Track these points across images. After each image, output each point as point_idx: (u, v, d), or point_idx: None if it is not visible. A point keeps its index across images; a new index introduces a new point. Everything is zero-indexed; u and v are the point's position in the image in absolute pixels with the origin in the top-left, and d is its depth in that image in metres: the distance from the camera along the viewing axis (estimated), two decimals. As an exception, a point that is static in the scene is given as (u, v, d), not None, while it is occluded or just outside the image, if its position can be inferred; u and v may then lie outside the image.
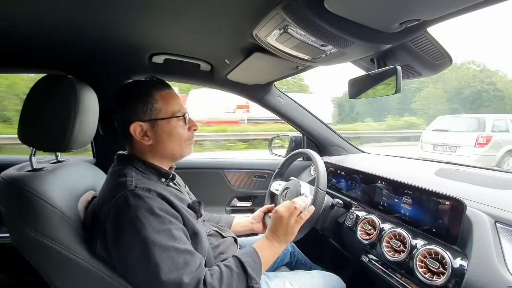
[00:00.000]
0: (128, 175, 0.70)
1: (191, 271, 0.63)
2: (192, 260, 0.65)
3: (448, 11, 0.58)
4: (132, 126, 0.74)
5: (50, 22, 0.85)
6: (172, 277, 0.61)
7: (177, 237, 0.66)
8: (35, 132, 0.72)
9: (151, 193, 0.67)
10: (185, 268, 0.63)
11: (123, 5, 0.73)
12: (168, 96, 0.78)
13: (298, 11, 0.63)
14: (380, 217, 0.99)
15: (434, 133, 6.29)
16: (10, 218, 0.68)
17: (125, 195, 0.65)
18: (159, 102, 0.76)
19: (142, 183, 0.70)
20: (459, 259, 0.70)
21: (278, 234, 0.84)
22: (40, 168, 0.76)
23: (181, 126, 0.79)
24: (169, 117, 0.77)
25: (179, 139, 0.79)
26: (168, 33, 0.92)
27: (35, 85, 0.72)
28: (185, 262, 0.64)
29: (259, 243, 0.81)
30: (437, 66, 0.87)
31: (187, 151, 0.83)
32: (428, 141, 6.30)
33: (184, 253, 0.65)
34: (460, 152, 5.61)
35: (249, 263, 0.72)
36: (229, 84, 1.45)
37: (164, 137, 0.77)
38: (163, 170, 0.79)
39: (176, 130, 0.78)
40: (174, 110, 0.78)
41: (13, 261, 1.22)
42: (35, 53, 1.12)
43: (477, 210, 0.75)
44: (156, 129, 0.76)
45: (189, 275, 0.62)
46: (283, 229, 0.84)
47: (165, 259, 0.61)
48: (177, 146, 0.79)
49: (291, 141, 1.80)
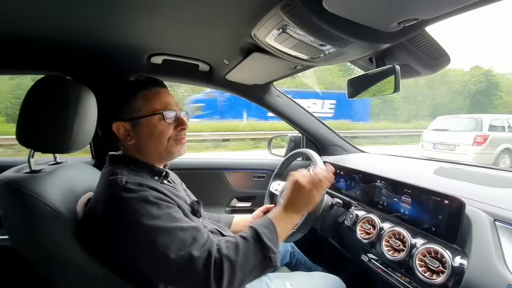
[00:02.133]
0: (118, 174, 0.70)
1: (200, 245, 0.63)
2: (199, 235, 0.65)
3: (446, 10, 0.58)
4: (114, 126, 0.75)
5: (48, 23, 0.85)
6: (182, 254, 0.60)
7: (179, 218, 0.66)
8: (34, 133, 0.71)
9: (143, 187, 0.67)
10: (193, 243, 0.63)
11: (122, 6, 0.73)
12: (151, 94, 0.77)
13: (297, 11, 0.63)
14: (379, 216, 0.99)
15: (434, 132, 6.47)
16: (8, 220, 0.68)
17: (117, 191, 0.65)
18: (140, 101, 0.76)
19: (133, 179, 0.69)
20: (459, 257, 0.70)
21: (297, 204, 0.77)
22: (38, 169, 0.75)
23: (163, 125, 0.76)
24: (149, 114, 0.75)
25: (160, 137, 0.76)
26: (167, 33, 0.92)
27: (33, 86, 0.71)
28: (192, 237, 0.64)
29: (275, 214, 0.76)
30: (436, 65, 0.87)
31: (175, 151, 0.80)
32: (428, 140, 6.46)
33: (190, 230, 0.65)
34: (459, 151, 5.80)
35: (266, 234, 0.69)
36: (228, 85, 1.45)
37: (145, 136, 0.76)
38: (155, 168, 0.79)
39: (157, 129, 0.76)
40: (155, 108, 0.76)
41: (12, 263, 1.22)
42: (33, 54, 1.11)
43: (476, 208, 0.76)
44: (137, 128, 0.76)
45: (198, 249, 0.62)
46: (305, 200, 0.77)
47: (172, 240, 0.61)
48: (160, 145, 0.77)
49: (290, 141, 1.80)
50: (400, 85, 0.82)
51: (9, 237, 0.71)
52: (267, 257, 0.66)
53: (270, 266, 0.67)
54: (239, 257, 0.63)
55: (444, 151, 6.00)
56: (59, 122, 0.72)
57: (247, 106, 8.78)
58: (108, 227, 0.65)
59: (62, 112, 0.72)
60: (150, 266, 0.63)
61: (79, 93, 0.76)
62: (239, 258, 0.63)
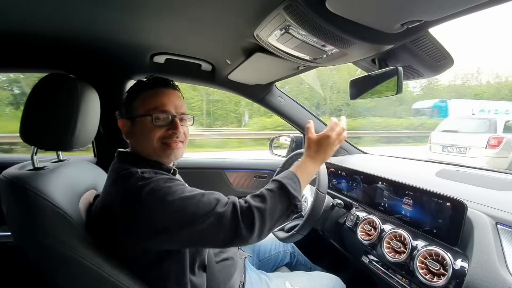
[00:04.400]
0: (131, 168, 0.71)
1: (224, 203, 0.67)
2: (220, 196, 0.70)
3: (450, 12, 0.58)
4: (118, 122, 0.79)
5: (52, 22, 0.85)
6: (210, 214, 0.64)
7: (197, 190, 0.70)
8: (37, 131, 0.72)
9: (158, 175, 0.69)
10: (218, 203, 0.67)
11: (125, 5, 0.73)
12: (149, 94, 0.77)
13: (300, 12, 0.63)
14: (380, 218, 0.99)
15: (443, 134, 6.04)
16: (11, 217, 0.68)
17: (134, 181, 0.66)
18: (138, 101, 0.77)
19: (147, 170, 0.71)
20: (460, 260, 0.70)
21: (319, 153, 0.85)
22: (41, 167, 0.76)
23: (155, 126, 0.75)
24: (142, 114, 0.76)
25: (149, 138, 0.75)
26: (170, 33, 0.92)
27: (37, 84, 0.72)
28: (215, 198, 0.68)
29: (297, 166, 0.82)
30: (439, 67, 0.87)
31: (164, 154, 0.77)
32: (437, 142, 6.06)
33: (211, 194, 0.69)
34: (471, 154, 5.41)
35: (290, 184, 0.73)
36: (230, 84, 1.45)
37: (138, 135, 0.77)
38: (164, 166, 0.79)
39: (147, 129, 0.75)
40: (148, 108, 0.75)
41: (14, 260, 1.22)
42: (37, 53, 1.12)
43: (478, 211, 0.75)
44: (134, 127, 0.77)
45: (223, 206, 0.66)
46: (328, 150, 0.86)
47: (196, 204, 0.65)
48: (149, 146, 0.76)
49: (291, 141, 1.80)
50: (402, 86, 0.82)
51: (11, 234, 0.71)
52: (292, 204, 0.72)
53: (295, 212, 0.73)
54: (267, 205, 0.69)
55: (454, 154, 5.61)
56: (62, 120, 0.72)
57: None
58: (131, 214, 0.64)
59: (65, 110, 0.72)
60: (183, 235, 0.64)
61: (82, 91, 0.76)
62: (268, 206, 0.68)
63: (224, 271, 0.85)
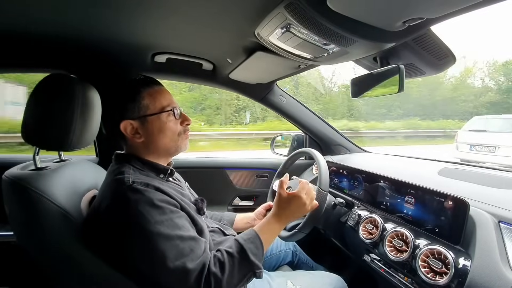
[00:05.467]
0: (125, 173, 0.71)
1: (197, 257, 0.64)
2: (197, 246, 0.66)
3: (452, 9, 0.57)
4: (122, 125, 0.75)
5: (53, 22, 0.85)
6: (178, 264, 0.61)
7: (180, 225, 0.67)
8: (39, 131, 0.72)
9: (149, 187, 0.68)
10: (190, 254, 0.64)
11: (126, 5, 0.73)
12: (155, 92, 0.78)
13: (301, 10, 0.62)
14: (382, 216, 0.99)
15: (470, 133, 6.08)
16: (14, 217, 0.68)
17: (123, 191, 0.66)
18: (146, 99, 0.77)
19: (140, 179, 0.70)
20: (462, 259, 0.70)
21: (287, 214, 0.83)
22: (43, 167, 0.76)
23: (172, 121, 0.79)
24: (157, 112, 0.77)
25: (171, 134, 0.79)
26: (171, 32, 0.92)
27: (38, 84, 0.72)
28: (190, 248, 0.65)
29: (261, 226, 0.80)
30: (441, 65, 0.87)
31: (183, 146, 0.83)
32: (464, 141, 6.09)
33: (188, 240, 0.66)
34: (500, 153, 5.40)
35: (251, 249, 0.71)
36: (231, 83, 1.45)
37: (155, 133, 0.77)
38: (160, 166, 0.79)
39: (167, 125, 0.78)
40: (163, 105, 0.78)
41: (17, 259, 1.23)
42: (38, 53, 1.12)
43: (481, 210, 0.75)
44: (146, 126, 0.76)
45: (194, 261, 0.63)
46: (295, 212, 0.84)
47: (170, 248, 0.62)
48: (170, 141, 0.79)
49: (293, 140, 1.80)
50: (404, 84, 0.82)
51: (14, 234, 0.71)
52: (251, 272, 0.70)
53: (253, 277, 0.71)
54: (225, 274, 0.65)
55: (483, 153, 5.61)
56: (64, 120, 0.72)
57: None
58: (112, 225, 0.66)
59: (67, 110, 0.72)
60: (146, 269, 0.64)
61: (84, 91, 0.76)
62: (225, 275, 0.65)
63: None
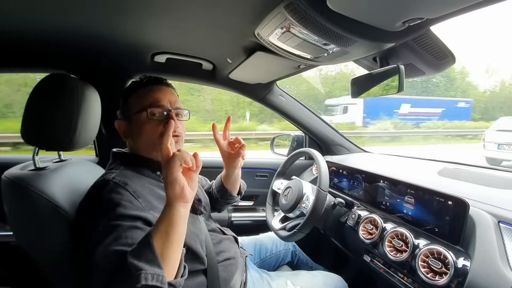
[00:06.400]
0: (114, 169, 0.72)
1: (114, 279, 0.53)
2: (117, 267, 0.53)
3: (452, 9, 0.57)
4: (115, 124, 0.78)
5: (53, 22, 0.85)
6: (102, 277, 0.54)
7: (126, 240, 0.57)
8: (38, 131, 0.72)
9: (127, 187, 0.66)
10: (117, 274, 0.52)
11: (126, 5, 0.73)
12: (144, 92, 0.77)
13: (301, 10, 0.62)
14: (382, 216, 0.99)
15: (498, 133, 6.42)
16: (13, 217, 0.68)
17: (97, 183, 0.67)
18: (133, 99, 0.78)
19: (124, 176, 0.69)
20: (462, 259, 0.70)
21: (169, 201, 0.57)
22: (43, 167, 0.76)
23: (152, 123, 0.74)
24: (137, 111, 0.75)
25: (148, 137, 0.74)
26: (170, 32, 0.92)
27: (38, 84, 0.72)
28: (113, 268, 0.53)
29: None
30: (441, 65, 0.87)
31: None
32: (492, 140, 6.42)
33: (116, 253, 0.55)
34: None
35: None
36: (231, 83, 1.45)
37: (135, 134, 0.77)
38: (157, 163, 0.78)
39: (144, 126, 0.74)
40: (143, 105, 0.74)
41: (16, 259, 1.23)
42: (38, 53, 1.12)
43: (480, 210, 0.75)
44: (130, 126, 0.78)
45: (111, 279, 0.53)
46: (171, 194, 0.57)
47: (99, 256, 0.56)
48: (147, 142, 0.75)
49: (293, 140, 1.80)
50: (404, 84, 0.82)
51: (13, 234, 0.71)
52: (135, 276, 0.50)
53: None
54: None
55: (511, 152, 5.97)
56: (63, 120, 0.72)
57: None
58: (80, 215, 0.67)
59: (67, 110, 0.72)
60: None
61: (84, 91, 0.76)
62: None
63: (225, 270, 0.85)
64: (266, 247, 1.23)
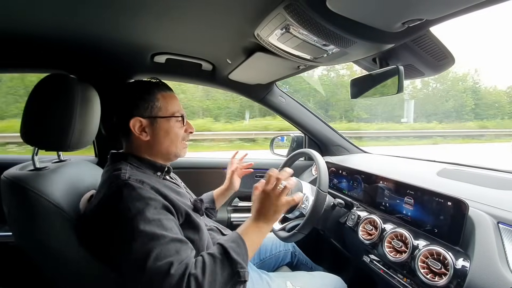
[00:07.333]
0: (122, 169, 0.71)
1: (181, 259, 0.61)
2: (182, 248, 0.64)
3: (451, 10, 0.57)
4: (132, 121, 0.76)
5: (52, 22, 0.85)
6: (159, 264, 0.58)
7: (168, 227, 0.65)
8: (38, 131, 0.72)
9: (144, 185, 0.68)
10: (175, 256, 0.61)
11: (125, 5, 0.73)
12: (169, 96, 0.82)
13: (300, 11, 0.62)
14: (381, 217, 0.99)
15: None
16: (12, 217, 0.68)
17: (118, 185, 0.66)
18: (160, 101, 0.79)
19: (136, 175, 0.70)
20: (461, 259, 0.70)
21: (266, 215, 0.75)
22: (42, 167, 0.76)
23: (178, 127, 0.83)
24: (168, 116, 0.80)
25: (175, 138, 0.82)
26: (170, 33, 0.92)
27: (37, 84, 0.72)
28: (175, 250, 0.62)
29: (244, 227, 0.75)
30: (440, 66, 0.87)
31: (182, 152, 0.85)
32: None
33: (175, 242, 0.63)
34: None
35: (233, 247, 0.67)
36: (230, 84, 1.45)
37: (162, 134, 0.80)
38: (158, 164, 0.81)
39: (173, 130, 0.81)
40: (174, 111, 0.82)
41: (16, 259, 1.23)
42: (38, 53, 1.12)
43: (480, 210, 0.75)
44: (154, 126, 0.79)
45: (177, 263, 0.60)
46: (273, 207, 0.75)
47: (154, 247, 0.60)
48: (173, 145, 0.82)
49: (292, 141, 1.80)
50: (403, 85, 0.82)
51: (13, 234, 0.71)
52: (235, 272, 0.64)
53: (239, 282, 0.64)
54: (206, 275, 0.61)
55: None
56: (63, 120, 0.72)
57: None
58: (102, 219, 0.66)
59: (66, 110, 0.72)
60: (127, 267, 0.62)
61: (83, 91, 0.76)
62: (206, 277, 0.60)
63: None
64: (265, 247, 1.23)
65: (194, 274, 0.60)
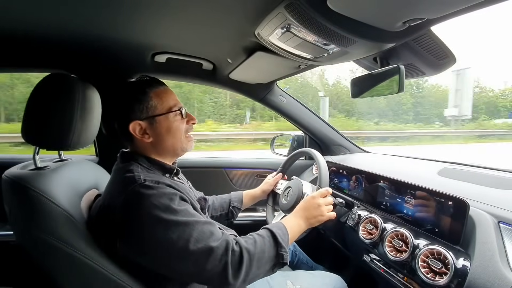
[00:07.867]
0: (134, 171, 0.71)
1: (217, 238, 0.67)
2: (214, 229, 0.69)
3: (452, 9, 0.57)
4: (131, 125, 0.75)
5: (53, 22, 0.85)
6: (200, 246, 0.63)
7: (194, 213, 0.70)
8: (39, 130, 0.72)
9: (160, 184, 0.69)
10: (211, 236, 0.66)
11: (126, 5, 0.73)
12: (162, 92, 0.80)
13: (301, 10, 0.62)
14: (382, 216, 0.99)
15: None
16: (13, 216, 0.68)
17: (136, 188, 0.66)
18: (154, 99, 0.78)
19: (150, 177, 0.71)
20: (462, 259, 0.70)
21: (309, 216, 0.88)
22: (43, 166, 0.76)
23: (179, 120, 0.81)
24: (165, 112, 0.78)
25: (177, 133, 0.81)
26: (171, 32, 0.92)
27: (39, 84, 0.72)
28: (209, 231, 0.67)
29: (288, 220, 0.85)
30: (441, 66, 0.87)
31: (189, 145, 0.85)
32: None
33: (206, 224, 0.68)
34: None
35: (279, 234, 0.75)
36: (231, 83, 1.45)
37: (163, 132, 0.78)
38: (167, 166, 0.81)
39: (175, 125, 0.80)
40: (170, 105, 0.80)
41: (16, 259, 1.23)
42: (38, 53, 1.12)
43: (480, 210, 0.75)
44: (154, 126, 0.78)
45: (216, 241, 0.65)
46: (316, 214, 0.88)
47: (191, 232, 0.64)
48: (177, 140, 0.81)
49: (293, 140, 1.80)
50: (404, 85, 0.82)
51: (14, 233, 0.71)
52: (279, 254, 0.72)
53: (280, 264, 0.73)
54: (257, 250, 0.69)
55: None
56: (64, 119, 0.72)
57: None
58: (127, 223, 0.65)
59: (67, 110, 0.72)
60: (169, 261, 0.64)
61: (84, 91, 0.76)
62: (257, 251, 0.69)
63: None
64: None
65: (246, 247, 0.68)
